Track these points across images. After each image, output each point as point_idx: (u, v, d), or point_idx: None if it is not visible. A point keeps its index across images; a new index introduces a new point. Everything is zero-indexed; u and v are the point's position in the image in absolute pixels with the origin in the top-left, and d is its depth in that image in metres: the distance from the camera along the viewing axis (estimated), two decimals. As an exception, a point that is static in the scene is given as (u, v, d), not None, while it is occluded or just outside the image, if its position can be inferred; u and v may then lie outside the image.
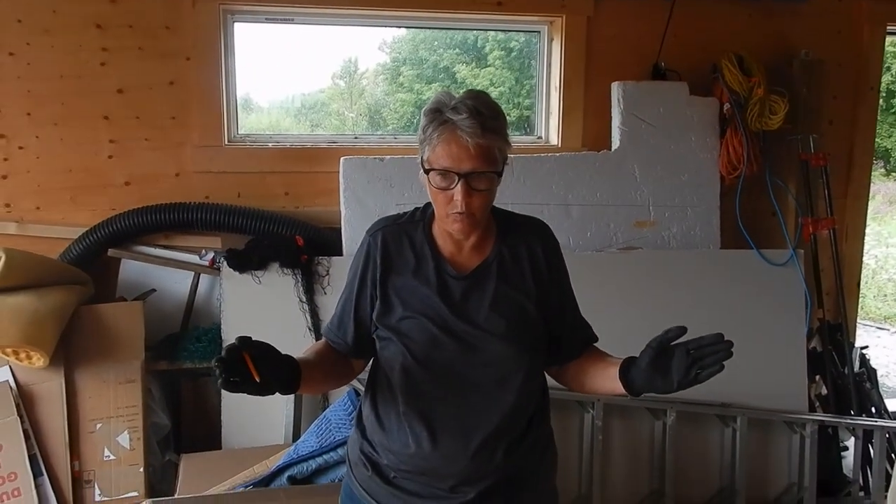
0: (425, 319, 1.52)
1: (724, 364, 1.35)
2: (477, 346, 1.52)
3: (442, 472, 1.51)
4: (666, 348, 1.40)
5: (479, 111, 1.43)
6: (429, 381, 1.52)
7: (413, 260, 1.56)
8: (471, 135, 1.42)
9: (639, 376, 1.43)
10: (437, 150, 1.45)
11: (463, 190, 1.44)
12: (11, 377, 2.80)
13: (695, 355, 1.37)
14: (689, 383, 1.38)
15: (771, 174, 3.56)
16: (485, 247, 1.58)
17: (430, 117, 1.47)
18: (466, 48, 4.01)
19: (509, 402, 1.52)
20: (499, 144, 1.47)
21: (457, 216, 1.47)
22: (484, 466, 1.51)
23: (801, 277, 3.46)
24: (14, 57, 3.05)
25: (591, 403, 3.14)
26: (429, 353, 1.51)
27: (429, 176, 1.48)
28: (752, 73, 3.44)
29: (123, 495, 2.84)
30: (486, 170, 1.45)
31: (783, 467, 3.40)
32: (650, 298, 3.26)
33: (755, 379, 3.20)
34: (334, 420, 2.66)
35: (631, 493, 3.28)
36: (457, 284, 1.54)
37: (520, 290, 1.57)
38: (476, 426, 1.51)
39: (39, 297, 2.81)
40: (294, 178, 3.33)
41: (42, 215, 3.16)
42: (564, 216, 3.38)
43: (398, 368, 1.53)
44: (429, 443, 1.50)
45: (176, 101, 3.19)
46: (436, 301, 1.53)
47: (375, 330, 1.58)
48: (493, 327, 1.52)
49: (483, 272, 1.56)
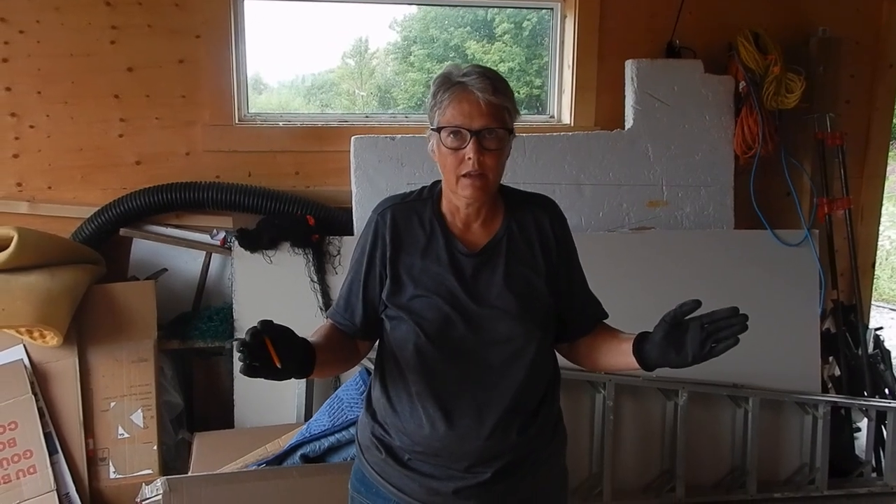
0: (437, 298, 1.51)
1: (738, 338, 1.34)
2: (489, 325, 1.51)
3: (457, 453, 1.51)
4: (680, 322, 1.39)
5: (488, 75, 1.47)
6: (441, 360, 1.51)
7: (423, 238, 1.55)
8: (481, 91, 1.44)
9: (653, 350, 1.43)
10: (447, 111, 1.46)
11: (475, 147, 1.44)
12: (26, 356, 2.82)
13: (709, 329, 1.36)
14: (703, 357, 1.37)
15: (786, 153, 3.52)
16: (493, 223, 1.57)
17: (439, 82, 1.49)
18: (477, 25, 3.96)
19: (522, 380, 1.52)
20: (508, 106, 1.48)
21: (468, 181, 1.46)
22: (499, 445, 1.51)
23: (816, 258, 3.43)
24: (24, 35, 3.04)
25: (602, 383, 3.14)
26: (441, 332, 1.50)
27: (440, 136, 1.47)
28: (769, 51, 3.38)
29: (137, 473, 2.86)
30: (496, 126, 1.45)
31: (795, 448, 3.39)
32: (662, 279, 3.25)
33: (768, 359, 3.18)
34: (346, 399, 2.67)
35: (642, 474, 3.28)
36: (467, 262, 1.53)
37: (529, 266, 1.56)
38: (489, 405, 1.50)
39: (52, 277, 2.82)
40: (305, 158, 3.32)
41: (53, 194, 3.16)
42: (577, 196, 3.35)
43: (410, 348, 1.52)
44: (443, 423, 1.50)
45: (186, 80, 3.18)
46: (447, 279, 1.51)
47: (385, 310, 1.56)
48: (505, 304, 1.51)
49: (493, 249, 1.55)
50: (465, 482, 1.51)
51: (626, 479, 3.25)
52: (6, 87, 3.07)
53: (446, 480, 1.52)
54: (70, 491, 2.77)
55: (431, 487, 1.53)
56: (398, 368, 1.55)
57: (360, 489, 1.64)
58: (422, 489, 1.53)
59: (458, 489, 1.51)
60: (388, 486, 1.57)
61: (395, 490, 1.56)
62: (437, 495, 1.53)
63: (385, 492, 1.58)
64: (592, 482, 3.19)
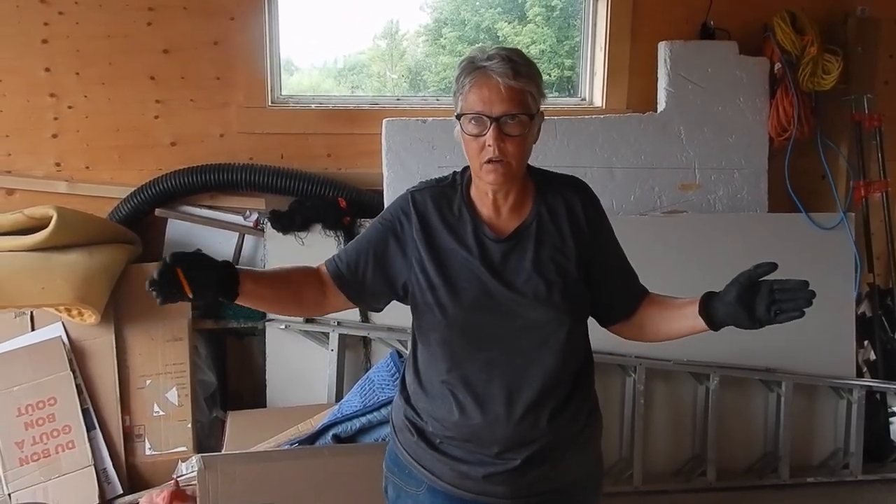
0: (466, 284, 1.50)
1: (804, 311, 1.35)
2: (518, 310, 1.50)
3: (487, 439, 1.50)
4: (754, 283, 1.40)
5: (511, 58, 1.44)
6: (470, 346, 1.50)
7: (453, 223, 1.54)
8: (502, 75, 1.41)
9: (722, 308, 1.43)
10: (468, 97, 1.45)
11: (495, 134, 1.42)
12: (64, 333, 2.88)
13: (778, 296, 1.37)
14: (767, 321, 1.38)
15: (822, 136, 3.46)
16: (523, 208, 1.55)
17: (462, 67, 1.47)
18: (508, 7, 3.94)
19: (552, 366, 1.51)
20: (531, 90, 1.45)
21: (490, 166, 1.45)
22: (529, 431, 1.50)
23: (852, 241, 3.38)
24: (63, 16, 3.08)
25: (633, 367, 3.13)
26: (470, 318, 1.49)
27: (461, 123, 1.47)
28: (805, 32, 3.33)
29: (172, 450, 2.91)
30: (517, 112, 1.43)
31: (829, 433, 3.36)
32: (695, 263, 3.21)
33: (802, 343, 3.14)
34: (377, 381, 2.68)
35: (672, 458, 3.27)
36: (496, 247, 1.52)
37: (560, 250, 1.54)
38: (519, 391, 1.50)
39: (90, 256, 2.87)
40: (336, 140, 3.33)
41: (91, 174, 3.20)
42: (608, 179, 3.33)
43: (439, 334, 1.52)
44: (472, 409, 1.49)
45: (221, 62, 3.20)
46: (476, 265, 1.50)
47: (412, 295, 1.55)
48: (534, 290, 1.50)
49: (522, 234, 1.53)
50: (495, 468, 1.51)
51: (656, 463, 3.24)
52: (46, 67, 3.11)
53: (477, 465, 1.52)
54: (107, 466, 2.83)
55: (462, 472, 1.53)
56: (429, 354, 1.55)
57: (394, 469, 1.65)
58: (453, 473, 1.54)
59: (488, 474, 1.51)
60: (420, 469, 1.58)
61: (426, 472, 1.57)
62: (468, 479, 1.53)
63: (417, 473, 1.58)
64: (623, 466, 3.19)
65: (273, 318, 3.12)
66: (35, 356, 2.82)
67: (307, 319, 3.10)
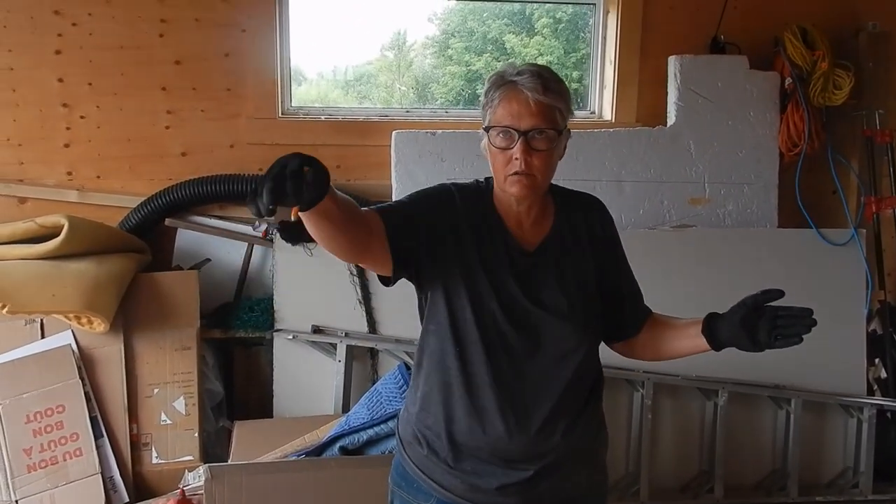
0: (492, 294, 1.49)
1: (802, 338, 1.37)
2: (540, 324, 1.50)
3: (500, 451, 1.50)
4: (760, 307, 1.41)
5: (541, 74, 1.46)
6: (487, 357, 1.50)
7: (484, 231, 1.53)
8: (532, 90, 1.43)
9: (726, 330, 1.45)
10: (497, 110, 1.46)
11: (522, 148, 1.43)
12: (73, 341, 2.88)
13: (780, 322, 1.39)
14: (766, 346, 1.40)
15: (833, 151, 3.46)
16: (545, 223, 1.57)
17: (492, 81, 1.49)
18: (515, 18, 3.95)
19: (568, 380, 1.51)
20: (560, 106, 1.46)
21: (516, 177, 1.45)
22: (543, 444, 1.50)
23: (863, 258, 3.36)
24: (77, 27, 3.10)
25: (640, 382, 3.12)
26: (491, 331, 1.49)
27: (489, 136, 1.47)
28: (816, 47, 3.32)
29: (179, 459, 2.91)
30: (546, 127, 1.44)
31: (838, 451, 3.34)
32: (703, 277, 3.21)
33: (811, 360, 3.11)
34: (385, 393, 2.69)
35: (680, 474, 3.25)
36: (522, 261, 1.53)
37: (580, 267, 1.56)
38: (535, 404, 1.50)
39: (100, 264, 2.88)
40: (346, 151, 3.34)
41: (102, 184, 3.22)
42: (617, 192, 3.33)
43: (455, 344, 1.51)
44: (488, 420, 1.49)
45: (231, 73, 3.22)
46: (505, 275, 1.50)
47: (433, 298, 1.53)
48: (557, 306, 1.51)
49: (545, 249, 1.55)
50: (507, 479, 1.51)
51: (663, 479, 3.22)
52: (59, 78, 3.13)
53: (489, 477, 1.51)
54: (114, 474, 2.83)
55: (474, 484, 1.52)
56: (443, 364, 1.53)
57: (401, 484, 1.63)
58: (464, 486, 1.53)
59: (501, 486, 1.51)
60: (429, 482, 1.56)
61: (436, 486, 1.56)
62: (480, 492, 1.52)
63: (427, 487, 1.57)
64: (630, 481, 3.17)
65: (281, 328, 3.12)
66: (44, 364, 2.83)
67: (315, 330, 3.10)
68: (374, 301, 3.14)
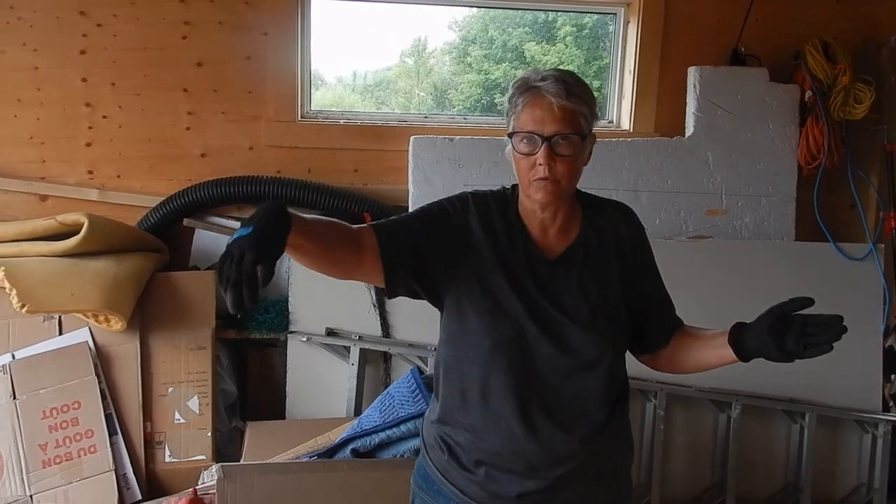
0: (511, 301, 1.49)
1: (833, 346, 1.34)
2: (563, 332, 1.49)
3: (518, 458, 1.50)
4: (787, 316, 1.38)
5: (565, 79, 1.44)
6: (508, 364, 1.49)
7: (503, 238, 1.53)
8: (555, 96, 1.42)
9: (752, 340, 1.42)
10: (521, 116, 1.45)
11: (546, 153, 1.42)
12: (90, 338, 2.91)
13: (809, 330, 1.36)
14: (795, 355, 1.37)
15: (852, 165, 3.43)
16: (570, 231, 1.55)
17: (516, 86, 1.48)
18: (536, 27, 3.96)
19: (590, 390, 1.50)
20: (584, 111, 1.45)
21: (540, 183, 1.45)
22: (561, 453, 1.49)
23: (881, 273, 3.33)
24: (101, 28, 3.14)
25: (653, 392, 3.10)
26: (510, 337, 1.49)
27: (513, 141, 1.47)
28: (837, 60, 3.30)
29: (192, 458, 2.92)
30: (569, 132, 1.43)
31: (852, 467, 3.30)
32: (719, 289, 3.19)
33: (827, 375, 3.10)
34: (397, 396, 2.69)
35: (691, 485, 3.23)
36: (545, 268, 1.52)
37: (605, 276, 1.54)
38: (555, 412, 1.49)
39: (118, 263, 2.91)
40: (364, 156, 3.35)
41: (122, 183, 3.26)
42: (633, 202, 3.31)
43: (476, 350, 1.50)
44: (509, 427, 1.49)
45: (252, 76, 3.25)
46: (525, 283, 1.50)
47: (452, 302, 1.53)
48: (579, 313, 1.50)
49: (570, 257, 1.53)
50: (527, 487, 1.50)
51: (675, 490, 3.20)
52: (82, 77, 3.17)
53: (507, 485, 1.51)
54: (127, 472, 2.84)
55: (493, 491, 1.52)
56: (463, 370, 1.53)
57: (423, 485, 1.63)
58: (483, 492, 1.53)
59: (520, 494, 1.50)
60: (449, 487, 1.57)
61: (456, 490, 1.55)
62: (499, 499, 1.52)
63: (447, 491, 1.57)
64: (641, 491, 3.15)
65: (295, 330, 3.14)
66: (61, 360, 2.85)
67: (329, 333, 3.12)
68: (388, 305, 3.14)
